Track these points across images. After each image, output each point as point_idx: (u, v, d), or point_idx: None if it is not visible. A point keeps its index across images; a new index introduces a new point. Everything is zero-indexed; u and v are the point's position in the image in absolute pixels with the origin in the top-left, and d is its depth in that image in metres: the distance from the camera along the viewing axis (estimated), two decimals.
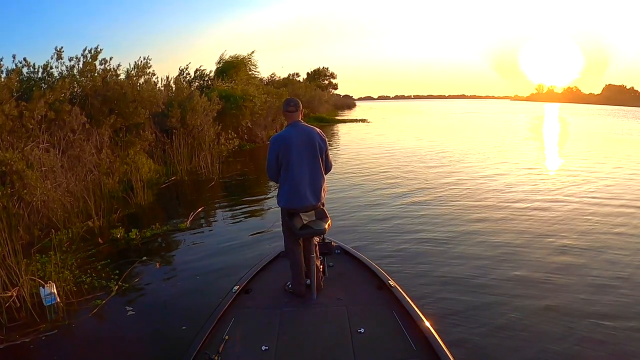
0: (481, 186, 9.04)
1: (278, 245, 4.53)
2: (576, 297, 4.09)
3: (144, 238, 5.75)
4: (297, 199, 3.40)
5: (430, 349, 2.67)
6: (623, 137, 22.46)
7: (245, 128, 15.09)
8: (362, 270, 3.86)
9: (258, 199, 8.37)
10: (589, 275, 4.57)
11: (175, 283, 4.47)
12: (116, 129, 10.12)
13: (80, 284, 4.31)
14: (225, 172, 10.84)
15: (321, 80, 53.67)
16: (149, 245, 5.57)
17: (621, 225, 6.35)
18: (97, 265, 4.82)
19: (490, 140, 18.66)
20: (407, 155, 14.16)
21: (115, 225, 6.21)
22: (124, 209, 7.23)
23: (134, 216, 6.97)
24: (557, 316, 3.74)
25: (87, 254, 5.18)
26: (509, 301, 4.03)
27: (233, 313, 3.17)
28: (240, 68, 17.63)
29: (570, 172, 10.73)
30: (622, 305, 3.94)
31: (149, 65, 11.57)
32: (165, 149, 11.01)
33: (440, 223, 6.51)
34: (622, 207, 7.34)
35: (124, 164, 9.01)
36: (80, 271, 4.59)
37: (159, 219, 6.58)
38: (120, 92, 10.29)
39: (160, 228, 6.09)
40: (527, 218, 6.65)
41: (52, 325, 3.61)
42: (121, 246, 5.53)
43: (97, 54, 10.52)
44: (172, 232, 6.09)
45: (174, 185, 9.52)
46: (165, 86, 13.03)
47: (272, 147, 3.44)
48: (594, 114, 50.53)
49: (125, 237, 5.72)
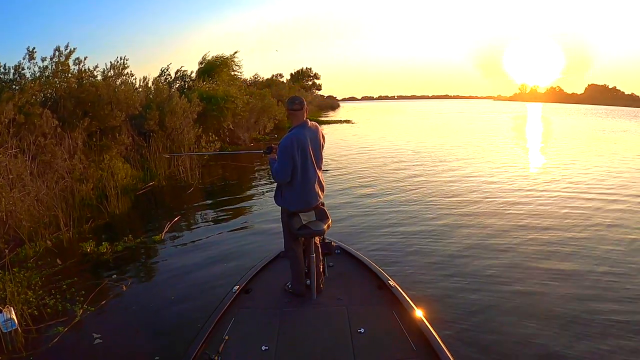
0: (479, 186, 9.27)
1: (273, 248, 4.49)
2: (578, 297, 4.14)
3: (115, 252, 5.44)
4: (307, 200, 3.41)
5: (430, 349, 2.68)
6: (607, 135, 23.01)
7: (227, 130, 14.76)
8: (362, 270, 3.88)
9: (239, 207, 8.08)
10: (591, 279, 4.58)
11: (147, 305, 4.16)
12: (91, 133, 9.74)
13: (43, 306, 4.00)
14: (206, 177, 10.54)
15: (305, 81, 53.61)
16: (120, 260, 5.25)
17: (615, 218, 6.73)
18: (63, 284, 4.48)
19: (481, 142, 18.87)
20: (400, 155, 14.35)
21: (86, 238, 5.87)
22: (97, 218, 6.92)
23: (108, 226, 6.65)
24: (558, 316, 3.77)
25: (54, 271, 4.88)
26: (510, 301, 4.06)
27: (233, 313, 3.18)
28: (223, 69, 17.26)
29: (561, 169, 11.26)
30: (627, 300, 4.08)
31: (126, 66, 11.22)
32: (143, 153, 10.64)
33: (440, 223, 6.57)
34: (615, 202, 7.75)
35: (98, 170, 8.67)
36: (45, 291, 4.28)
37: (133, 230, 6.28)
38: (95, 94, 9.91)
39: (133, 241, 5.76)
40: (528, 218, 6.76)
41: (9, 357, 3.31)
42: (90, 262, 5.22)
43: (70, 53, 10.13)
44: (145, 245, 5.77)
45: (152, 191, 9.18)
46: (143, 87, 12.63)
47: (286, 150, 3.29)
48: (578, 114, 51.53)
49: (96, 252, 5.40)
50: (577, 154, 14.51)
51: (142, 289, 4.54)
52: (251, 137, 17.53)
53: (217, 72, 16.82)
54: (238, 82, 18.10)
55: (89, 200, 7.78)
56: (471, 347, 3.31)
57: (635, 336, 3.45)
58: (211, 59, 17.22)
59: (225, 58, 17.58)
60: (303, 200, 3.40)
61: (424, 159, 13.51)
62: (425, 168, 11.66)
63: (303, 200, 3.39)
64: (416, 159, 13.56)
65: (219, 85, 15.31)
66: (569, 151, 15.42)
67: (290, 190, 3.39)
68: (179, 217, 6.99)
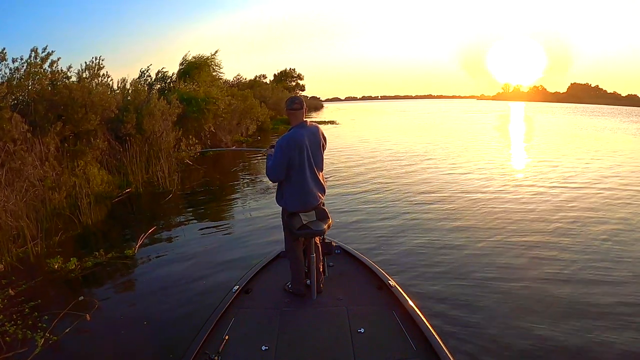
0: (478, 186, 9.38)
1: (264, 252, 4.48)
2: (578, 296, 4.22)
3: (85, 269, 5.12)
4: (306, 201, 3.42)
5: (430, 349, 2.70)
6: (589, 133, 23.92)
7: (209, 132, 14.44)
8: (362, 270, 3.91)
9: (220, 215, 7.83)
10: (591, 277, 4.68)
11: (115, 332, 3.82)
12: (64, 137, 9.38)
13: (2, 334, 3.72)
14: (186, 182, 10.19)
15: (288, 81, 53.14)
16: (89, 278, 4.95)
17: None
18: (26, 307, 4.19)
19: (473, 141, 19.26)
20: (393, 156, 14.49)
21: (56, 252, 5.57)
22: (68, 229, 6.61)
23: (79, 239, 6.36)
24: (558, 316, 3.82)
25: (18, 291, 4.57)
26: (510, 301, 4.11)
27: (233, 313, 3.20)
28: (204, 69, 16.90)
29: (562, 168, 11.64)
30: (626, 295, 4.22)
31: (101, 66, 10.86)
32: (120, 157, 10.29)
33: (441, 223, 6.65)
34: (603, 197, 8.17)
35: (72, 177, 8.32)
36: (5, 316, 4.00)
37: (105, 243, 6.01)
38: (68, 97, 9.54)
39: (104, 256, 5.43)
40: (529, 218, 6.84)
41: None
42: (58, 280, 4.91)
43: (48, 55, 9.74)
44: (116, 260, 5.41)
45: (129, 198, 8.86)
46: (121, 89, 12.26)
47: (282, 150, 3.31)
48: (561, 112, 52.61)
49: (64, 268, 5.09)
50: (565, 153, 14.96)
51: (110, 313, 4.20)
52: (233, 140, 17.18)
53: (198, 72, 16.45)
54: (219, 82, 17.73)
55: (61, 210, 7.44)
56: (471, 347, 3.33)
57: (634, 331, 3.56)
58: (191, 60, 16.86)
59: (206, 58, 17.24)
60: (301, 201, 3.41)
61: (422, 159, 13.72)
62: (424, 168, 11.86)
63: (301, 200, 3.41)
64: (413, 159, 13.79)
65: (200, 86, 14.97)
66: (559, 150, 15.89)
67: (289, 190, 3.42)
68: (154, 228, 6.67)
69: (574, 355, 3.27)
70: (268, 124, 24.50)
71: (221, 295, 3.54)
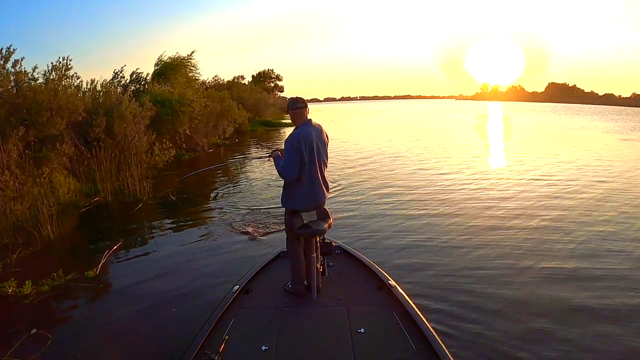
0: (478, 186, 9.45)
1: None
2: (578, 295, 4.21)
3: (40, 294, 4.66)
4: (316, 198, 3.48)
5: (430, 349, 2.70)
6: (566, 131, 24.70)
7: (184, 136, 14.01)
8: (362, 270, 3.93)
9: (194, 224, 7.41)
10: (591, 275, 4.71)
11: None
12: (28, 143, 8.88)
13: None
14: (158, 190, 9.73)
15: (267, 82, 52.49)
16: (44, 305, 4.51)
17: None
18: None
19: (461, 142, 19.57)
20: (391, 156, 14.66)
21: (12, 272, 5.16)
22: (29, 245, 6.18)
23: (38, 256, 5.92)
24: (558, 315, 3.82)
25: None
26: (510, 301, 4.11)
27: (233, 313, 3.21)
28: (180, 70, 16.39)
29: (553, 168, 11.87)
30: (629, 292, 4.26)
31: (69, 67, 10.35)
32: (89, 163, 9.81)
33: (440, 223, 6.70)
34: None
35: (35, 185, 7.86)
36: None
37: (66, 262, 5.60)
38: (32, 99, 9.03)
39: (63, 277, 4.96)
40: (529, 217, 6.90)
41: None
42: (10, 307, 4.47)
43: (9, 54, 9.22)
44: (77, 283, 4.95)
45: (97, 208, 8.44)
46: (91, 91, 11.72)
47: (293, 147, 3.36)
48: (539, 112, 53.87)
49: (17, 293, 4.66)
50: (544, 151, 15.41)
51: (64, 348, 3.76)
52: (210, 143, 16.73)
53: (174, 73, 15.96)
54: (195, 84, 17.24)
55: (24, 222, 6.97)
56: (471, 347, 3.34)
57: (634, 329, 3.58)
58: (167, 60, 16.34)
59: (182, 59, 16.74)
60: (312, 198, 3.48)
61: (419, 159, 13.96)
62: (422, 168, 11.97)
63: (312, 198, 3.48)
64: (409, 158, 14.07)
65: (175, 88, 14.50)
66: (533, 148, 16.35)
67: (298, 188, 3.44)
68: (120, 243, 6.25)
69: (575, 354, 3.28)
70: (246, 125, 24.11)
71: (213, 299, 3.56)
